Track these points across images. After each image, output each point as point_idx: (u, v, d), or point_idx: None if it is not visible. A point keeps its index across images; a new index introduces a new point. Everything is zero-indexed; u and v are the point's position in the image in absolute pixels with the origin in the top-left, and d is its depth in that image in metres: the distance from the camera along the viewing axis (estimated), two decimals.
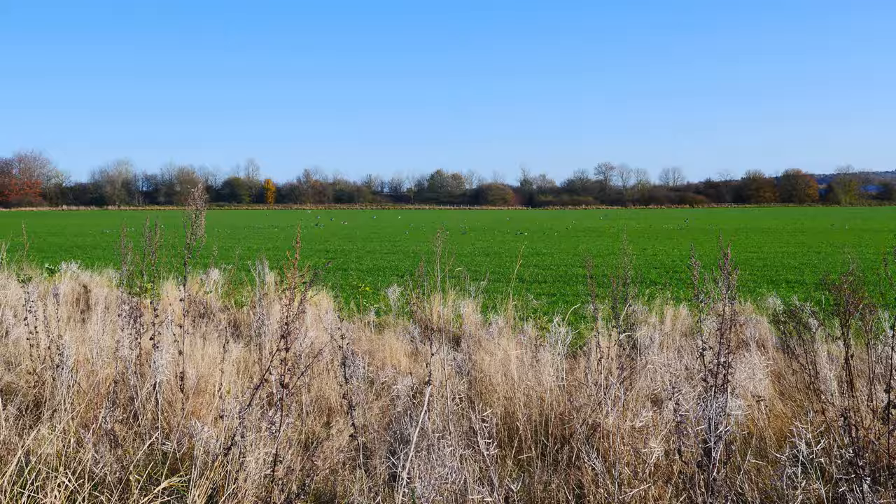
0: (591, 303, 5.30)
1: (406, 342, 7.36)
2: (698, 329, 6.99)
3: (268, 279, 10.07)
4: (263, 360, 6.51)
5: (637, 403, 4.91)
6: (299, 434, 4.92)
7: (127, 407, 5.03)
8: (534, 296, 11.66)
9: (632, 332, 6.71)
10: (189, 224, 4.96)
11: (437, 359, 5.45)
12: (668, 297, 8.99)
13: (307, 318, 7.76)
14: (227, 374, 5.43)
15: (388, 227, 49.87)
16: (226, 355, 5.34)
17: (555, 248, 27.18)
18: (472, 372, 5.90)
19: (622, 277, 6.53)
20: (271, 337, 7.07)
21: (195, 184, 5.20)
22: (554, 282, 15.63)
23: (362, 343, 7.42)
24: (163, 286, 10.19)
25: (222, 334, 7.07)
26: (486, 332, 7.53)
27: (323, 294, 9.72)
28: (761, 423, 4.82)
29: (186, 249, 5.01)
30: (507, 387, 5.24)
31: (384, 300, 10.53)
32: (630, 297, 6.61)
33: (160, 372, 4.86)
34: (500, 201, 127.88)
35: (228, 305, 10.14)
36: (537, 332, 7.46)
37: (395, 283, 10.46)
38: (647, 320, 7.84)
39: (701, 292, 4.54)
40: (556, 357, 5.32)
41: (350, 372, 4.98)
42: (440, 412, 4.55)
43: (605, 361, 5.07)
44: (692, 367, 5.65)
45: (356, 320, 8.95)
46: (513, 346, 6.12)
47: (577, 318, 10.03)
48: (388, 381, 5.91)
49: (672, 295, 10.70)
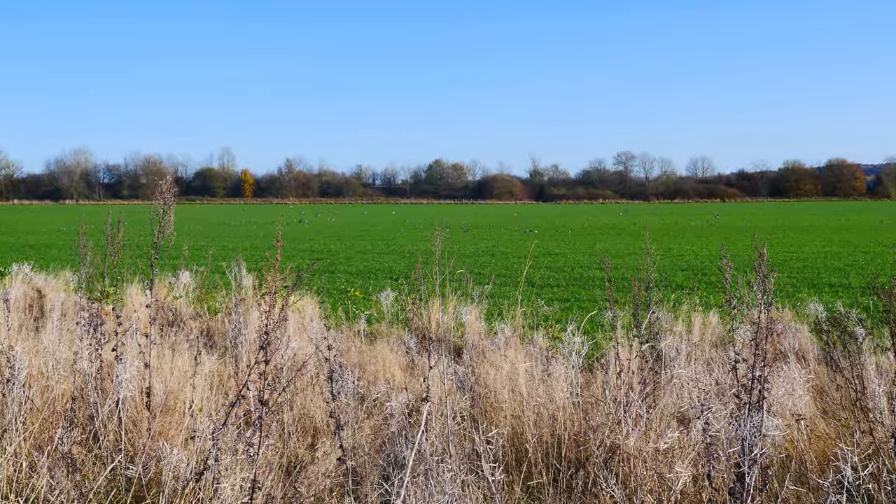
0: (610, 309, 5.30)
1: (401, 354, 7.35)
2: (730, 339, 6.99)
3: (245, 283, 10.06)
4: (240, 374, 6.50)
5: (661, 423, 4.91)
6: (280, 457, 4.92)
7: (86, 427, 5.03)
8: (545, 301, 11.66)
9: (655, 342, 6.71)
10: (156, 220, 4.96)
11: (436, 372, 5.45)
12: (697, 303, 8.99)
13: (289, 327, 7.76)
14: (200, 390, 5.42)
15: (380, 223, 49.88)
16: (198, 368, 5.34)
17: (568, 247, 27.18)
18: (476, 387, 5.90)
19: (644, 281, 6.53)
20: (249, 348, 7.07)
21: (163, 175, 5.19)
22: (567, 286, 15.62)
23: (352, 355, 7.41)
24: (127, 291, 10.19)
25: (194, 345, 7.06)
26: (491, 343, 7.52)
27: (307, 299, 9.72)
28: (801, 445, 4.82)
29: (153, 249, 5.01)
30: (514, 404, 5.24)
31: (376, 306, 10.53)
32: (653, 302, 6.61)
33: (124, 387, 4.86)
34: (507, 195, 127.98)
35: (201, 312, 10.13)
36: (549, 343, 7.45)
37: (388, 288, 10.47)
38: (672, 329, 7.84)
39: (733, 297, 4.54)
40: (569, 370, 5.31)
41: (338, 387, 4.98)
42: (439, 432, 4.55)
43: (625, 375, 5.07)
44: (723, 382, 5.65)
45: (345, 329, 8.95)
46: (521, 358, 6.12)
47: (593, 327, 10.02)
48: (380, 398, 5.91)
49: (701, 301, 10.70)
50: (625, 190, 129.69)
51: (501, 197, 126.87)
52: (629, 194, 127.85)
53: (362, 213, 73.32)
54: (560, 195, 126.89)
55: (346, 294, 13.55)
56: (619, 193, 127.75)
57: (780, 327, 7.73)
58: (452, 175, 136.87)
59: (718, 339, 8.13)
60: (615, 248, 26.44)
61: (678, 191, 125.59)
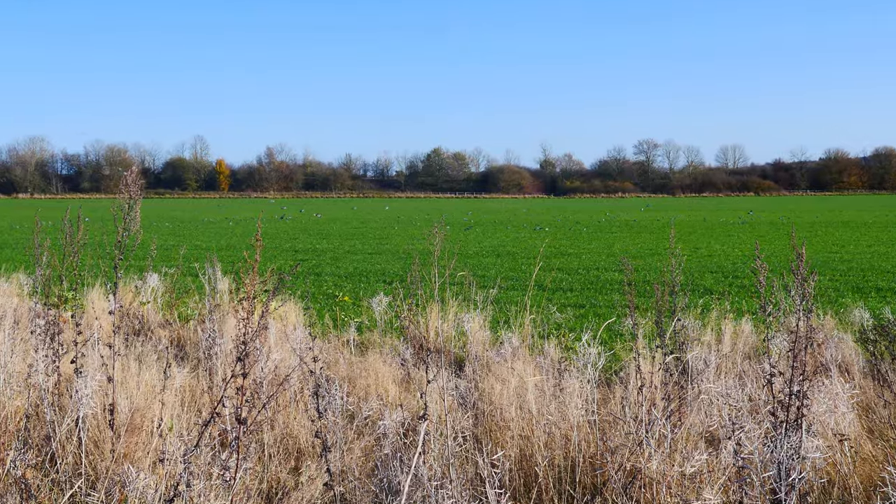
0: (630, 316, 5.30)
1: (395, 366, 7.36)
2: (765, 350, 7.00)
3: (220, 286, 10.06)
4: (215, 390, 6.51)
5: (688, 443, 4.91)
6: (260, 482, 4.92)
7: (42, 448, 5.03)
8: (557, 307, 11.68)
9: (681, 353, 6.71)
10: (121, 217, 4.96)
11: (435, 387, 5.45)
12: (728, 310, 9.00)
13: (270, 336, 7.76)
14: (169, 407, 5.42)
15: (372, 220, 49.92)
16: (167, 383, 5.34)
17: (583, 246, 27.21)
18: (479, 404, 5.90)
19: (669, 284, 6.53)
20: (225, 360, 7.07)
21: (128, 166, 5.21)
22: (582, 290, 15.64)
23: (340, 367, 7.42)
24: (87, 295, 10.19)
25: (163, 356, 7.06)
26: (497, 354, 7.53)
27: (290, 305, 9.73)
28: (845, 469, 4.82)
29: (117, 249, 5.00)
30: (522, 423, 5.24)
31: (368, 313, 10.53)
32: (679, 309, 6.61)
33: (84, 404, 4.86)
34: (515, 188, 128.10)
35: (171, 320, 10.14)
36: (561, 354, 7.45)
37: (381, 292, 10.48)
38: (700, 338, 7.84)
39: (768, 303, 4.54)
40: (584, 385, 5.32)
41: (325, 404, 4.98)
42: (438, 455, 4.55)
43: (646, 390, 5.07)
44: (757, 398, 5.64)
45: (332, 338, 8.95)
46: (530, 372, 6.11)
47: (611, 336, 10.02)
48: (372, 416, 5.91)
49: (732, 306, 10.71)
50: (647, 182, 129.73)
51: (508, 190, 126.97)
52: (651, 187, 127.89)
53: (352, 209, 73.34)
54: (574, 188, 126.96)
55: (334, 299, 13.55)
56: (641, 186, 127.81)
57: (821, 336, 7.73)
58: (453, 166, 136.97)
59: (752, 350, 8.13)
60: (636, 248, 26.45)
61: (706, 183, 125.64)
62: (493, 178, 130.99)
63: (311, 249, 26.77)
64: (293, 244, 29.28)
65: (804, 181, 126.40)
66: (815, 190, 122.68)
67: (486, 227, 41.38)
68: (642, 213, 60.34)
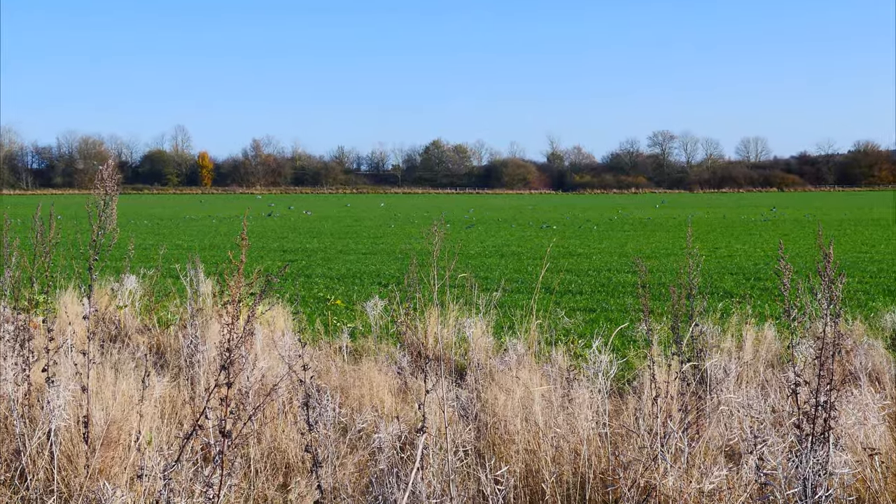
0: (644, 321, 5.30)
1: (391, 375, 7.37)
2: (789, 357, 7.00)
3: (203, 289, 10.06)
4: (197, 400, 6.51)
5: (706, 458, 4.91)
6: (246, 500, 4.92)
7: (11, 463, 5.03)
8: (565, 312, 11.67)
9: (699, 361, 6.72)
10: (96, 214, 4.97)
11: (434, 397, 5.45)
12: (749, 314, 9.00)
13: (257, 343, 7.77)
14: (148, 419, 5.43)
15: (366, 217, 49.93)
16: (146, 393, 5.34)
17: (594, 246, 27.23)
18: (482, 415, 5.90)
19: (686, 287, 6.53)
20: (208, 368, 7.08)
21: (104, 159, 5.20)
22: (593, 293, 15.64)
23: (332, 376, 7.43)
24: (60, 299, 10.20)
25: (141, 364, 7.07)
26: (501, 362, 7.53)
27: (278, 310, 9.73)
28: (875, 486, 4.82)
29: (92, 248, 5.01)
30: (528, 436, 5.24)
31: (362, 318, 10.54)
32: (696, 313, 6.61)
33: (56, 416, 4.86)
34: (520, 183, 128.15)
35: (149, 325, 10.14)
36: (570, 362, 7.46)
37: (376, 295, 10.48)
38: (719, 345, 7.85)
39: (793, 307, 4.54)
40: (595, 395, 5.32)
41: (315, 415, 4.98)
42: (438, 470, 4.55)
43: (662, 401, 5.07)
44: (781, 410, 5.65)
45: (323, 345, 8.96)
46: (537, 381, 6.12)
47: (624, 342, 10.03)
48: (366, 428, 5.92)
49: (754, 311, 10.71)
50: (662, 177, 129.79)
51: (513, 186, 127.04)
52: (667, 182, 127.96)
53: (345, 206, 73.34)
54: (584, 183, 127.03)
55: (326, 303, 13.55)
56: (655, 181, 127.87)
57: (850, 343, 7.73)
58: (454, 159, 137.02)
59: (775, 358, 8.14)
60: (650, 248, 26.46)
61: (726, 178, 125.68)
62: (497, 172, 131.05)
63: (300, 249, 26.78)
64: (281, 243, 29.28)
65: (831, 176, 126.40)
66: (844, 185, 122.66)
67: (488, 225, 41.39)
68: (657, 209, 60.35)
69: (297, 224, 42.65)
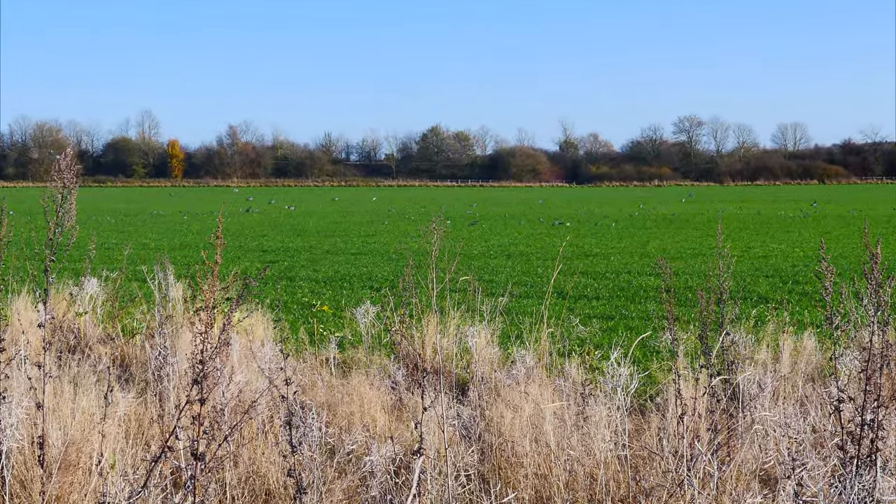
0: (668, 330, 5.30)
1: (384, 390, 7.37)
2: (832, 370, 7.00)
3: (173, 294, 10.04)
4: (166, 418, 6.51)
5: (738, 484, 4.91)
6: None
7: None
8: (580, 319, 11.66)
9: (730, 374, 6.71)
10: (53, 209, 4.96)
11: (433, 415, 5.45)
12: (787, 322, 8.99)
13: (233, 354, 7.76)
14: (112, 439, 5.42)
15: (356, 213, 49.92)
16: (109, 410, 5.34)
17: (612, 245, 27.24)
18: (486, 435, 5.90)
19: (715, 291, 6.53)
20: (178, 382, 7.07)
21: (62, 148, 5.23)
22: (611, 298, 15.64)
23: (318, 391, 7.43)
24: (12, 305, 10.18)
25: (104, 378, 7.06)
26: (508, 375, 7.53)
27: (257, 317, 9.73)
28: None
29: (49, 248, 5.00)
30: (539, 458, 5.23)
31: (351, 326, 10.53)
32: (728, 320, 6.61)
33: (8, 436, 4.85)
34: (529, 175, 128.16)
35: (113, 334, 10.14)
36: (586, 375, 7.45)
37: (367, 301, 10.48)
38: (753, 357, 7.84)
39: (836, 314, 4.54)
40: (614, 413, 5.31)
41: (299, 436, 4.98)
42: (437, 497, 4.55)
43: (688, 419, 5.07)
44: (822, 429, 5.64)
45: (308, 356, 8.95)
46: (548, 397, 6.11)
47: (646, 354, 10.02)
48: (356, 450, 5.92)
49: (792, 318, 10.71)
50: (688, 168, 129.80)
51: (521, 177, 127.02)
52: (694, 173, 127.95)
53: (332, 200, 73.32)
54: (601, 175, 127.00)
55: (311, 309, 13.55)
56: (681, 172, 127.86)
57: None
58: (455, 148, 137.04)
59: (816, 371, 8.13)
60: (675, 247, 26.47)
61: (761, 169, 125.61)
62: (503, 162, 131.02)
63: (282, 249, 26.79)
64: (261, 242, 29.29)
65: (879, 166, 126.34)
66: (893, 176, 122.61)
67: (494, 221, 41.38)
68: (683, 204, 60.34)
69: (278, 220, 42.64)
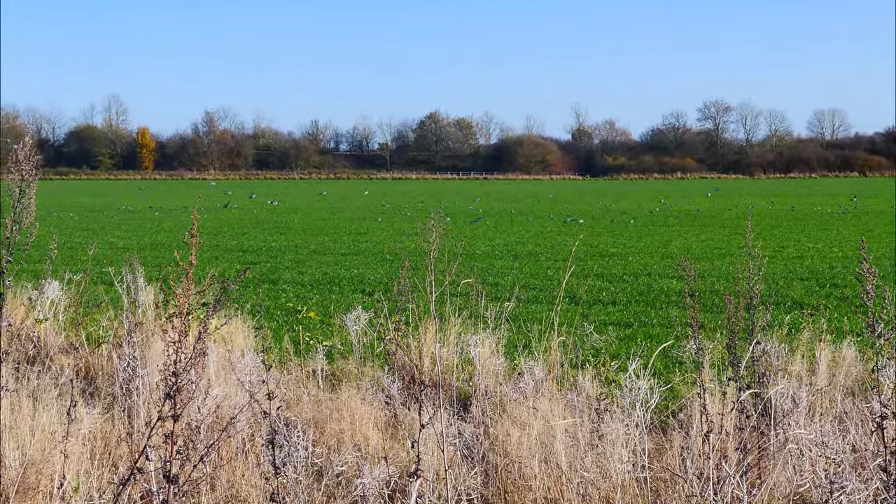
0: (692, 339, 5.30)
1: (377, 405, 7.37)
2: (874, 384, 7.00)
3: (143, 299, 10.04)
4: (136, 437, 6.50)
5: None
6: None
7: None
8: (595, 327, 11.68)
9: (761, 387, 6.72)
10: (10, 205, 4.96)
11: (431, 433, 5.45)
12: (824, 330, 8.99)
13: (210, 365, 7.76)
14: (75, 460, 5.42)
15: (346, 209, 49.91)
16: (72, 428, 5.34)
17: (630, 244, 27.23)
18: (491, 456, 5.90)
19: (745, 295, 6.53)
20: (149, 397, 7.07)
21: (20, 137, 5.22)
22: (629, 303, 15.64)
23: (304, 407, 7.43)
24: None
25: (66, 392, 7.06)
26: (514, 389, 7.54)
27: (237, 324, 9.72)
28: None
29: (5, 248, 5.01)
30: (549, 481, 5.24)
31: (341, 334, 10.53)
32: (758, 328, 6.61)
33: None
34: (538, 166, 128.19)
35: (77, 343, 10.13)
36: (601, 389, 7.45)
37: (358, 306, 10.48)
38: (786, 368, 7.84)
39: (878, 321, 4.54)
40: (632, 430, 5.31)
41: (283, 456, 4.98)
42: None
43: (715, 438, 5.07)
44: (863, 448, 5.64)
45: (293, 368, 8.95)
46: (559, 412, 6.11)
47: (667, 365, 10.02)
48: (347, 472, 5.92)
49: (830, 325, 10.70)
50: (715, 159, 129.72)
51: (529, 169, 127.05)
52: (721, 165, 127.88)
53: (320, 194, 73.32)
54: (617, 166, 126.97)
55: (296, 316, 13.55)
56: (707, 164, 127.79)
57: None
58: (456, 136, 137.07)
59: (856, 384, 8.13)
60: (700, 247, 26.47)
61: (795, 160, 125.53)
62: (509, 152, 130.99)
63: (264, 249, 26.79)
64: (241, 241, 29.29)
65: None
66: None
67: (499, 218, 41.38)
68: (709, 199, 60.34)
69: (260, 217, 42.65)
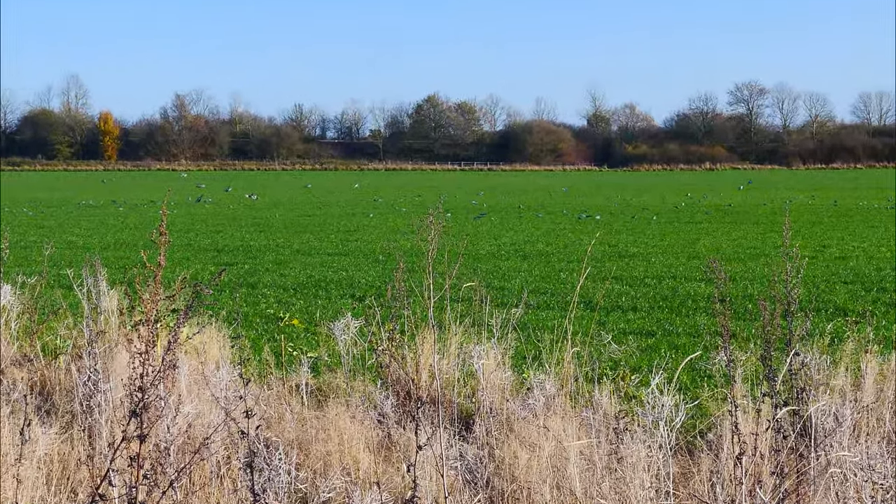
0: (723, 349, 5.29)
1: (369, 424, 7.36)
2: None
3: (106, 304, 10.02)
4: (98, 459, 6.50)
5: None
6: None
7: None
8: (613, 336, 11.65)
9: (800, 404, 6.71)
10: None
11: (430, 456, 5.44)
12: (870, 339, 8.98)
13: (181, 379, 7.76)
14: (30, 485, 5.42)
15: (334, 203, 49.89)
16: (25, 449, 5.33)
17: (653, 244, 27.22)
18: (496, 481, 5.90)
19: (782, 301, 6.52)
20: (112, 415, 7.07)
21: None
22: (651, 309, 15.62)
23: (286, 426, 7.42)
24: None
25: (19, 409, 7.05)
26: (523, 406, 7.53)
27: (211, 332, 9.71)
28: None
29: None
30: None
31: (328, 344, 10.52)
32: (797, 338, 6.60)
33: None
34: (549, 156, 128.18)
35: (31, 354, 10.13)
36: (620, 405, 7.44)
37: (348, 313, 10.46)
38: (828, 383, 7.83)
39: None
40: (655, 453, 5.31)
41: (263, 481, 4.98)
42: None
43: (748, 461, 5.06)
44: None
45: (274, 382, 8.94)
46: (573, 432, 6.10)
47: (694, 379, 10.01)
48: (334, 499, 5.92)
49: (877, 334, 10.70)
50: (748, 147, 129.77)
51: (539, 159, 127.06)
52: (755, 154, 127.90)
53: (304, 187, 73.35)
54: (638, 156, 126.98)
55: (278, 323, 13.54)
56: (739, 153, 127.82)
57: None
58: (457, 123, 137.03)
59: None
60: (731, 247, 26.45)
61: (838, 148, 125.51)
62: (517, 140, 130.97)
63: (242, 248, 26.79)
64: (215, 240, 29.28)
65: None
66: None
67: (505, 214, 41.37)
68: (741, 192, 60.35)
69: (237, 213, 42.65)
